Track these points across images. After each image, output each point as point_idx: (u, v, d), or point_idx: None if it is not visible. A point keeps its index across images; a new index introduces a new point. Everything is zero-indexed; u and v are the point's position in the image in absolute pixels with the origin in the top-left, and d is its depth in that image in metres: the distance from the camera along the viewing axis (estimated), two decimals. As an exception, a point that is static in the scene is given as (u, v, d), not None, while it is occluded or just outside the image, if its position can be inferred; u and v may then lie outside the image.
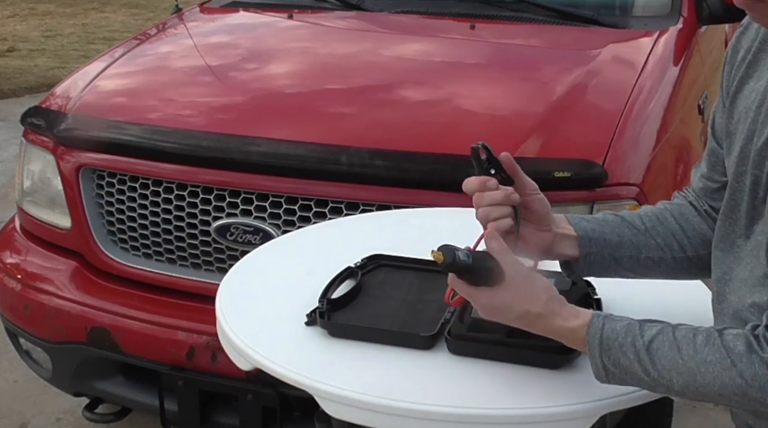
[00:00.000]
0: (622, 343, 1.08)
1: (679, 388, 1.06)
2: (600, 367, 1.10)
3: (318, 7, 3.18)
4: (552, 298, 1.15)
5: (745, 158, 1.15)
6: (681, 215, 1.35)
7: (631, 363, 1.08)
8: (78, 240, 2.38)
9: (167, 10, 5.33)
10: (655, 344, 1.07)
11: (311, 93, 2.55)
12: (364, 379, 1.22)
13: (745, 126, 1.16)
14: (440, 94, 2.51)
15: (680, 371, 1.05)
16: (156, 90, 2.67)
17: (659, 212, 1.37)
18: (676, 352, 1.05)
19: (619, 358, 1.08)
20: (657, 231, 1.34)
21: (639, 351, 1.07)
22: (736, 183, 1.17)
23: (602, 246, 1.31)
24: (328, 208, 2.10)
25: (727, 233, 1.19)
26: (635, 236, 1.33)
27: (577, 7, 2.97)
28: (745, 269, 1.14)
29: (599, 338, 1.09)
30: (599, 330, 1.10)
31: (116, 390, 2.34)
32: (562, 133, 2.21)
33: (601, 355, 1.09)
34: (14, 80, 7.17)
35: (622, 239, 1.32)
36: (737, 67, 1.22)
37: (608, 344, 1.09)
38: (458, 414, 1.15)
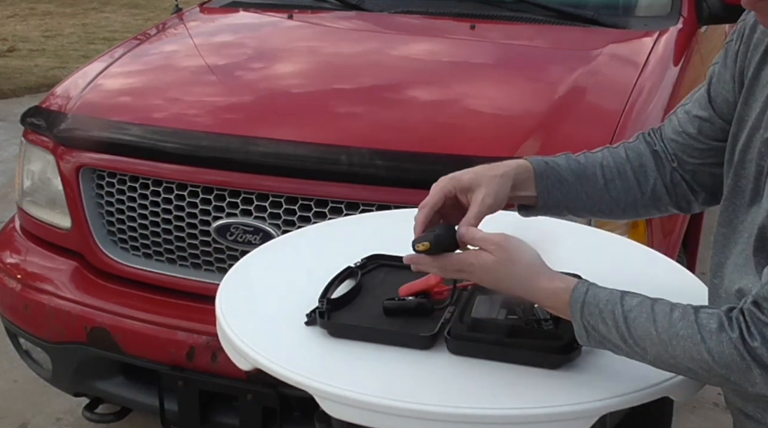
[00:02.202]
0: (603, 309, 1.12)
1: (651, 358, 1.10)
2: (581, 327, 1.14)
3: (318, 7, 3.18)
4: (538, 257, 1.20)
5: (751, 147, 1.16)
6: (641, 168, 1.38)
7: (609, 330, 1.11)
8: (78, 240, 2.38)
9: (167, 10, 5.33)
10: (633, 314, 1.10)
11: (311, 93, 2.55)
12: (364, 379, 1.22)
13: (754, 114, 1.17)
14: (440, 94, 2.51)
15: (653, 342, 1.08)
16: (156, 90, 2.67)
17: (620, 165, 1.38)
18: (651, 324, 1.09)
19: (598, 323, 1.12)
20: (615, 185, 1.37)
21: (617, 319, 1.11)
22: (741, 169, 1.18)
23: (558, 199, 1.36)
24: (328, 208, 2.10)
25: (730, 218, 1.20)
26: (593, 191, 1.37)
27: (577, 7, 2.97)
28: (741, 254, 1.16)
29: (582, 301, 1.13)
30: (582, 294, 1.14)
31: (116, 390, 2.34)
32: (563, 133, 2.21)
33: (582, 317, 1.13)
34: (14, 80, 7.18)
35: (579, 194, 1.36)
36: (754, 48, 1.20)
37: (589, 309, 1.13)
38: (458, 414, 1.15)
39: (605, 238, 1.73)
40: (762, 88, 1.17)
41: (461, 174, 1.33)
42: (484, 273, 1.20)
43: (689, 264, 2.58)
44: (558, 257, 1.39)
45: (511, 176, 1.32)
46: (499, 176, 1.31)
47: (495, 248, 1.19)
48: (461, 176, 1.32)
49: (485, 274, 1.20)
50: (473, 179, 1.31)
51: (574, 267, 1.40)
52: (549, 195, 1.35)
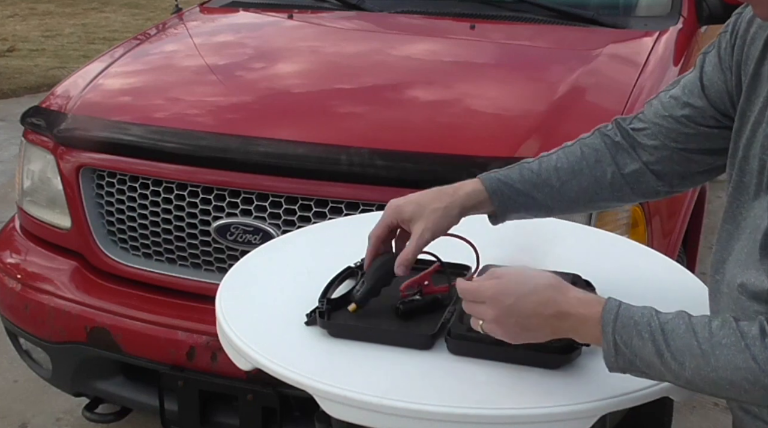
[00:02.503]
0: (638, 321, 1.07)
1: (690, 373, 1.05)
2: (611, 345, 1.08)
3: (318, 7, 3.18)
4: (556, 276, 1.16)
5: (755, 143, 1.16)
6: (597, 164, 1.38)
7: (645, 343, 1.06)
8: (78, 240, 2.38)
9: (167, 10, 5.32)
10: (671, 325, 1.06)
11: (311, 93, 2.55)
12: (364, 379, 1.22)
13: (757, 108, 1.17)
14: (440, 94, 2.51)
15: (694, 352, 1.04)
16: (156, 90, 2.67)
17: (575, 163, 1.39)
18: (692, 334, 1.05)
19: (632, 337, 1.07)
20: (570, 186, 1.38)
21: (654, 331, 1.06)
22: (745, 165, 1.18)
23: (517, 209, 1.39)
24: (328, 208, 2.10)
25: (734, 214, 1.20)
26: (548, 196, 1.38)
27: (577, 7, 2.97)
28: (743, 250, 1.16)
29: (615, 314, 1.08)
30: (615, 307, 1.09)
31: (116, 390, 2.34)
32: (563, 133, 2.20)
33: (614, 332, 1.08)
34: (14, 80, 7.18)
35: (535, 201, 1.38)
36: (751, 42, 1.20)
37: (623, 321, 1.08)
38: (458, 414, 1.15)
39: (605, 238, 1.73)
40: (764, 84, 1.18)
41: (404, 205, 1.37)
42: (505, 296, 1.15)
43: (689, 264, 2.58)
44: (558, 257, 1.39)
45: (457, 206, 1.36)
46: (442, 209, 1.35)
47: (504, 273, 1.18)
48: (403, 208, 1.37)
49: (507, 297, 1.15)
50: (414, 211, 1.36)
51: (574, 267, 1.40)
52: (506, 209, 1.39)
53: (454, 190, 1.38)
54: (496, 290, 1.16)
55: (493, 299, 1.16)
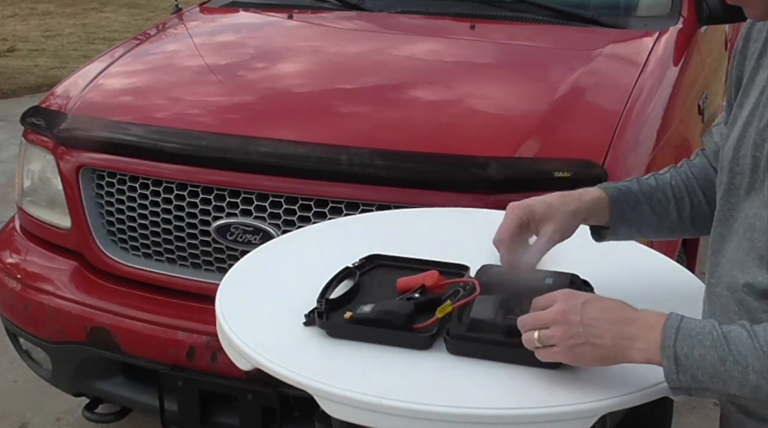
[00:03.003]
0: (700, 332, 1.08)
1: (754, 376, 1.05)
2: (672, 360, 1.08)
3: (318, 7, 3.18)
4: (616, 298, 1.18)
5: (744, 142, 1.17)
6: (707, 183, 1.40)
7: (707, 352, 1.07)
8: (78, 240, 2.38)
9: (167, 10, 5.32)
10: (733, 333, 1.07)
11: (311, 93, 2.55)
12: (364, 379, 1.22)
13: (746, 112, 1.18)
14: (440, 94, 2.51)
15: (757, 355, 1.05)
16: (156, 90, 2.67)
17: (687, 181, 1.41)
18: (754, 338, 1.06)
19: (694, 346, 1.07)
20: (684, 203, 1.40)
21: (716, 339, 1.07)
22: (735, 166, 1.18)
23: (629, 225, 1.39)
24: (328, 208, 2.10)
25: (726, 217, 1.21)
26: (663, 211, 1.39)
27: (577, 7, 2.97)
28: (738, 250, 1.16)
29: (677, 326, 1.09)
30: (678, 320, 1.10)
31: (116, 390, 2.34)
32: (562, 133, 2.22)
33: (675, 344, 1.08)
34: (14, 80, 7.17)
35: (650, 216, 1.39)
36: (750, 57, 1.24)
37: (685, 333, 1.08)
38: (458, 414, 1.15)
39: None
40: (755, 90, 1.20)
41: (534, 204, 1.36)
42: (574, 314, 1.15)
43: (689, 264, 2.58)
44: (560, 258, 1.39)
45: (583, 211, 1.36)
46: (571, 214, 1.35)
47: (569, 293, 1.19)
48: (534, 207, 1.36)
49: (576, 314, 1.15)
50: (545, 211, 1.35)
51: (573, 267, 1.40)
52: (622, 220, 1.39)
53: (580, 195, 1.38)
54: (565, 292, 1.18)
55: (561, 300, 1.16)
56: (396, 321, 1.31)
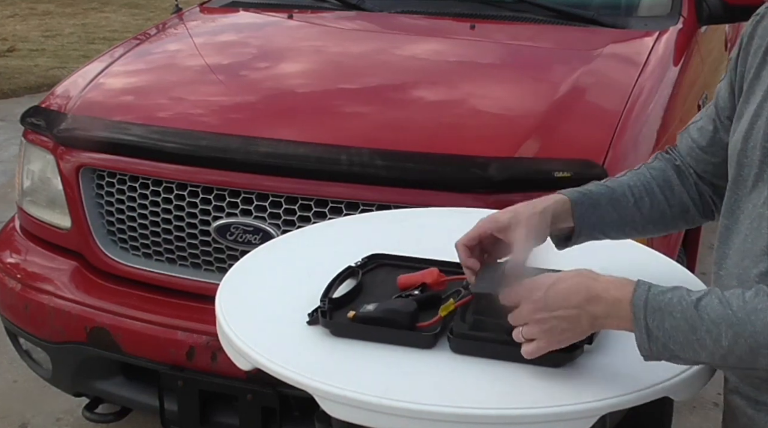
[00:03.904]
0: (669, 302, 1.08)
1: (727, 342, 1.05)
2: (644, 331, 1.09)
3: (318, 7, 3.18)
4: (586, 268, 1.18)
5: (753, 134, 1.17)
6: (666, 184, 1.42)
7: (678, 322, 1.07)
8: (78, 240, 2.38)
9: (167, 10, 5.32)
10: (704, 301, 1.07)
11: (311, 93, 2.55)
12: (365, 379, 1.22)
13: (754, 106, 1.19)
14: (440, 94, 2.51)
15: (730, 322, 1.05)
16: (156, 90, 2.67)
17: (646, 183, 1.42)
18: (726, 305, 1.06)
19: (664, 318, 1.08)
20: (644, 202, 1.40)
21: (686, 309, 1.07)
22: (744, 158, 1.19)
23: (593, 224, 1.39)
24: (328, 208, 2.10)
25: (732, 208, 1.21)
26: (624, 210, 1.39)
27: (578, 7, 2.97)
28: (746, 240, 1.16)
29: (645, 297, 1.09)
30: (646, 290, 1.10)
31: (116, 390, 2.34)
32: (562, 133, 2.22)
33: (646, 317, 1.09)
34: (14, 80, 7.17)
35: (611, 215, 1.39)
36: (754, 53, 1.24)
37: (654, 304, 1.09)
38: (459, 414, 1.15)
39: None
40: (762, 85, 1.20)
41: (499, 214, 1.36)
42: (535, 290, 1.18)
43: (689, 264, 2.58)
44: (558, 257, 1.39)
45: (550, 212, 1.35)
46: (538, 213, 1.34)
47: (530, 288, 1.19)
48: (499, 217, 1.35)
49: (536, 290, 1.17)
50: (512, 217, 1.34)
51: (573, 266, 1.40)
52: (585, 221, 1.38)
53: (543, 199, 1.38)
54: (526, 287, 1.18)
55: (525, 297, 1.18)
56: (400, 319, 1.31)
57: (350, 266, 1.49)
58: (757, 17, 1.26)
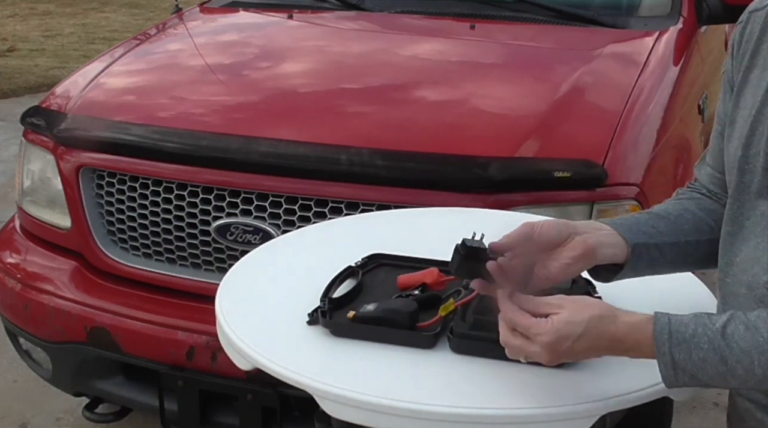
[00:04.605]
0: (694, 333, 1.04)
1: (761, 370, 1.03)
2: (669, 365, 1.06)
3: (318, 7, 3.18)
4: (601, 301, 1.13)
5: (755, 140, 1.16)
6: (698, 204, 1.36)
7: (706, 354, 1.04)
8: (78, 240, 2.38)
9: (167, 10, 5.32)
10: (729, 329, 1.04)
11: (311, 93, 2.55)
12: (365, 379, 1.22)
13: (751, 112, 1.18)
14: (440, 94, 2.51)
15: (762, 349, 1.03)
16: (156, 90, 2.67)
17: (678, 204, 1.37)
18: (755, 331, 1.03)
19: (691, 350, 1.04)
20: (685, 218, 1.33)
21: (713, 339, 1.04)
22: (746, 165, 1.18)
23: (645, 237, 1.28)
24: (328, 208, 2.10)
25: (736, 215, 1.20)
26: (668, 225, 1.31)
27: (578, 7, 2.97)
28: (755, 248, 1.15)
29: (668, 331, 1.05)
30: (667, 323, 1.06)
31: (116, 390, 2.34)
32: (562, 133, 2.22)
33: (671, 350, 1.05)
34: (14, 80, 7.17)
35: (658, 229, 1.30)
36: (740, 58, 1.24)
37: (678, 336, 1.05)
38: (459, 413, 1.15)
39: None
40: (752, 89, 1.20)
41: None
42: (560, 344, 1.09)
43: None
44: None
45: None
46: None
47: (558, 303, 1.11)
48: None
49: (562, 344, 1.09)
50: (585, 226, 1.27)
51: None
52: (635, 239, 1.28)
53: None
54: (551, 338, 1.09)
55: (548, 347, 1.10)
56: (400, 319, 1.31)
57: (350, 266, 1.49)
58: (741, 24, 1.26)
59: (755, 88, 1.19)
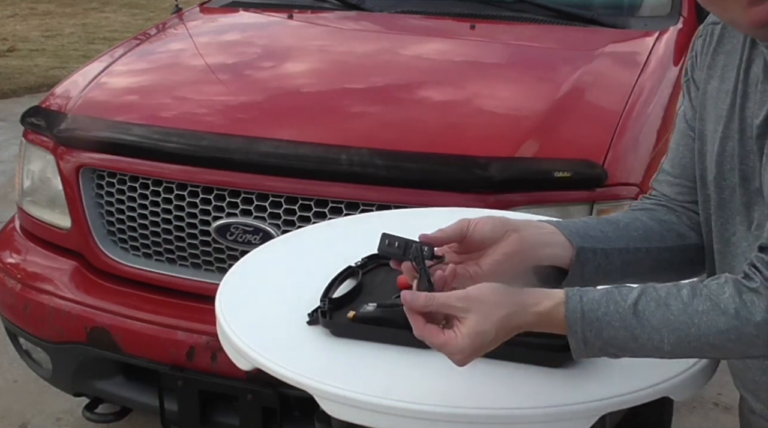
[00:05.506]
0: (606, 312, 1.05)
1: (669, 347, 1.04)
2: (580, 341, 1.06)
3: (318, 7, 3.18)
4: (508, 292, 1.08)
5: (728, 157, 1.16)
6: (651, 215, 1.31)
7: (617, 332, 1.04)
8: (78, 240, 2.38)
9: (167, 10, 5.32)
10: (641, 305, 1.04)
11: (311, 93, 2.55)
12: (365, 379, 1.22)
13: (717, 127, 1.18)
14: (440, 94, 2.51)
15: (672, 327, 1.03)
16: (156, 90, 2.67)
17: (629, 213, 1.33)
18: (665, 309, 1.03)
19: (602, 329, 1.05)
20: (635, 225, 1.29)
21: (625, 317, 1.04)
22: (722, 181, 1.17)
23: (592, 241, 1.23)
24: (328, 208, 2.10)
25: (721, 232, 1.20)
26: (617, 230, 1.27)
27: (578, 7, 2.97)
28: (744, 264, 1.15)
29: (580, 311, 1.05)
30: (578, 303, 1.05)
31: (116, 390, 2.34)
32: (563, 133, 2.22)
33: (583, 329, 1.05)
34: (14, 80, 7.17)
35: (606, 234, 1.25)
36: (700, 69, 1.25)
37: (590, 316, 1.05)
38: (458, 414, 1.15)
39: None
40: (712, 101, 1.20)
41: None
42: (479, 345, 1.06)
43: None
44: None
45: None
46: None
47: (464, 307, 1.06)
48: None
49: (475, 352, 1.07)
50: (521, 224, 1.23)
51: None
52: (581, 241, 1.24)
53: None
54: (465, 354, 1.07)
55: (465, 360, 1.08)
56: (400, 319, 1.31)
57: (350, 266, 1.49)
58: (701, 37, 1.26)
59: (715, 101, 1.19)
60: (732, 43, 1.20)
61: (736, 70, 1.17)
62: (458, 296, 1.08)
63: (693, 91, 1.26)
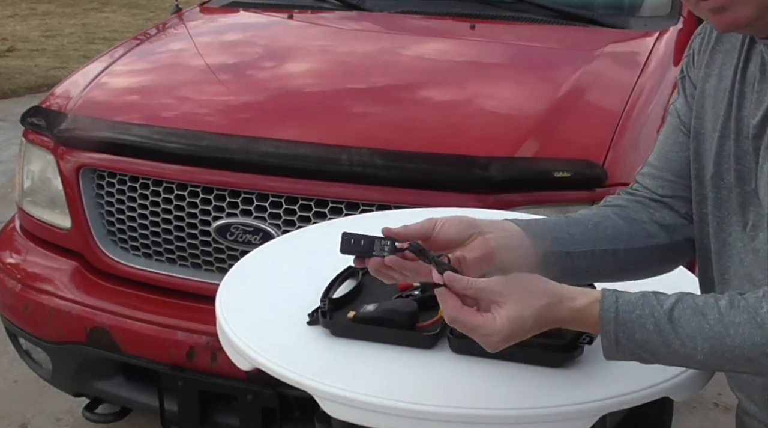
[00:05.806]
0: (640, 314, 1.03)
1: (702, 356, 1.02)
2: (612, 342, 1.05)
3: (318, 7, 3.18)
4: (546, 283, 1.08)
5: (725, 156, 1.16)
6: (623, 213, 1.30)
7: (650, 335, 1.03)
8: (78, 240, 2.38)
9: (167, 10, 5.32)
10: (676, 312, 1.03)
11: (311, 93, 2.55)
12: (365, 379, 1.22)
13: (716, 126, 1.18)
14: (440, 94, 2.51)
15: (706, 336, 1.02)
16: (156, 90, 2.67)
17: (601, 211, 1.32)
18: (701, 317, 1.02)
19: (635, 331, 1.03)
20: (604, 226, 1.27)
21: (659, 322, 1.03)
22: (720, 181, 1.17)
23: (558, 244, 1.23)
24: (328, 208, 2.10)
25: (717, 232, 1.20)
26: (585, 232, 1.25)
27: (578, 7, 2.97)
28: (742, 265, 1.15)
29: (614, 311, 1.04)
30: (614, 303, 1.05)
31: (116, 390, 2.34)
32: (562, 133, 2.22)
33: (616, 330, 1.04)
34: (14, 80, 7.17)
35: (573, 237, 1.24)
36: (698, 68, 1.25)
37: (624, 317, 1.04)
38: (459, 414, 1.15)
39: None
40: (710, 100, 1.20)
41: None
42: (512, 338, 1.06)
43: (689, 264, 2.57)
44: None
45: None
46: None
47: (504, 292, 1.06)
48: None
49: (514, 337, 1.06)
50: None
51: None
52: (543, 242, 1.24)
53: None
54: (502, 337, 1.06)
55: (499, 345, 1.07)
56: (400, 319, 1.31)
57: (350, 266, 1.49)
58: (699, 35, 1.26)
59: (713, 100, 1.19)
60: (730, 42, 1.19)
61: (734, 70, 1.17)
62: (498, 281, 1.08)
63: (689, 88, 1.27)
